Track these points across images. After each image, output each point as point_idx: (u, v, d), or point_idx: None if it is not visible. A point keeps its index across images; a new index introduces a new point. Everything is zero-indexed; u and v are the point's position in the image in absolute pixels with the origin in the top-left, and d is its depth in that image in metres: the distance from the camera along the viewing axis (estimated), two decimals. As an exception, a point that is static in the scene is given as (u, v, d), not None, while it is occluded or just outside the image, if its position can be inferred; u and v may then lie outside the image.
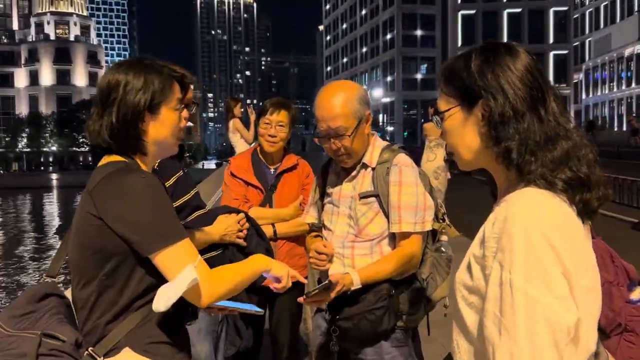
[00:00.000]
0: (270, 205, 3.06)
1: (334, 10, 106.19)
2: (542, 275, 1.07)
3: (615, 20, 60.97)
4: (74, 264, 1.55)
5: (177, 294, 1.40)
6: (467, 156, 1.30)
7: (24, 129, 69.65)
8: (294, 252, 3.11)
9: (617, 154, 25.23)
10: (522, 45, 1.30)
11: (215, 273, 1.53)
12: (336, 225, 2.22)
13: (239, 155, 3.32)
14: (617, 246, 1.98)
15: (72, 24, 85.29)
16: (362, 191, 2.16)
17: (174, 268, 1.44)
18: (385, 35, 79.53)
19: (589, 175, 1.18)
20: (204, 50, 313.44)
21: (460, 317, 1.26)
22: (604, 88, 63.05)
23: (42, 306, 1.52)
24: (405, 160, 2.14)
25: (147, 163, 1.62)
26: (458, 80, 1.27)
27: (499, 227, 1.14)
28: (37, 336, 1.42)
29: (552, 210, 1.13)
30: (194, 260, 1.47)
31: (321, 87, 2.21)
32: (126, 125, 1.53)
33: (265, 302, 3.15)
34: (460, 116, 1.28)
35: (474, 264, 1.22)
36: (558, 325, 1.07)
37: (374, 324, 2.07)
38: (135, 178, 1.47)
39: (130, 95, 1.53)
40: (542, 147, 1.17)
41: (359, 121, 2.11)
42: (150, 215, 1.44)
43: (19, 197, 48.31)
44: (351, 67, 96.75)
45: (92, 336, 1.50)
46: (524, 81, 1.20)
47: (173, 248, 1.45)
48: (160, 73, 1.58)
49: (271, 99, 3.18)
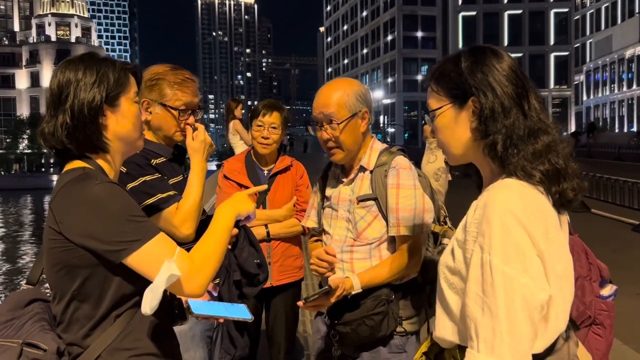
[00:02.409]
0: (263, 206, 3.07)
1: (334, 11, 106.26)
2: (519, 257, 1.18)
3: (616, 22, 60.95)
4: (47, 279, 1.50)
5: (157, 294, 1.35)
6: (456, 151, 1.39)
7: (25, 130, 69.57)
8: (289, 253, 3.10)
9: (618, 155, 25.21)
10: (523, 46, 1.39)
11: (197, 256, 1.45)
12: (335, 229, 2.20)
13: (232, 158, 3.33)
14: (617, 248, 2.01)
15: (73, 25, 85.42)
16: (360, 194, 2.14)
17: (152, 267, 1.38)
18: (386, 37, 79.57)
19: (565, 167, 1.28)
20: (204, 51, 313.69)
21: (442, 296, 1.36)
22: (605, 89, 63.01)
23: (25, 312, 1.48)
24: (403, 163, 2.11)
25: (112, 162, 1.54)
26: (449, 80, 1.37)
27: (479, 214, 1.24)
28: (18, 345, 1.38)
29: (528, 199, 1.23)
30: (172, 255, 1.40)
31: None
32: (83, 122, 1.45)
33: (262, 304, 3.14)
34: (452, 113, 1.37)
35: (457, 248, 1.32)
36: (533, 303, 1.17)
37: (372, 330, 2.05)
38: (91, 186, 1.39)
39: (83, 92, 1.46)
40: (525, 140, 1.27)
41: (352, 114, 2.10)
42: (112, 221, 1.37)
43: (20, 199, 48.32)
44: (352, 68, 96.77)
45: (72, 349, 1.45)
46: (510, 79, 1.31)
47: (145, 248, 1.38)
48: (114, 65, 1.53)
49: (263, 101, 3.21)
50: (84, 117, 1.45)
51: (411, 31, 75.44)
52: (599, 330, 1.89)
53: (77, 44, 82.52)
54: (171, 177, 2.17)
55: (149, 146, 2.16)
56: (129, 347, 1.47)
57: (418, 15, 74.99)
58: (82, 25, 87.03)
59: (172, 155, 2.23)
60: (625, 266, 6.69)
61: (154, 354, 1.51)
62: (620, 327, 2.22)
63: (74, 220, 1.38)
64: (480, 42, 54.22)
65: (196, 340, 2.13)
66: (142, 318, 1.46)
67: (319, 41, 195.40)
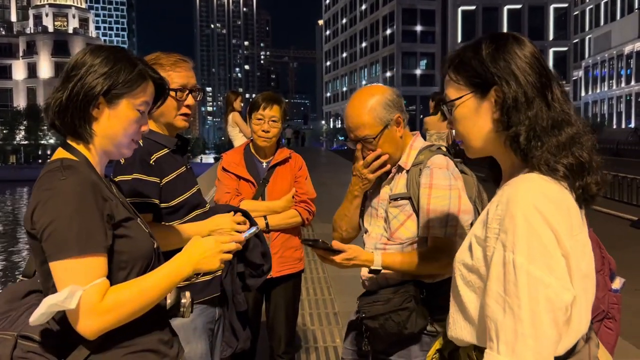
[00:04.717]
0: (262, 198, 3.07)
1: (333, 4, 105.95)
2: (544, 256, 1.12)
3: (616, 18, 60.91)
4: (37, 272, 1.48)
5: (47, 313, 1.27)
6: (476, 143, 1.32)
7: (21, 121, 69.38)
8: (289, 244, 3.11)
9: (616, 151, 25.25)
10: (523, 41, 1.35)
11: (111, 298, 1.33)
12: (374, 227, 2.19)
13: (231, 151, 3.34)
14: (616, 244, 2.02)
15: (71, 16, 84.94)
16: (394, 193, 2.12)
17: (60, 284, 1.31)
18: (384, 31, 79.41)
19: (589, 160, 1.22)
20: (202, 44, 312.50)
21: (457, 294, 1.31)
22: (603, 85, 63.02)
23: (22, 304, 1.46)
24: (439, 162, 2.06)
25: (94, 156, 1.50)
26: (469, 69, 1.30)
27: (501, 209, 1.18)
28: (13, 337, 1.36)
29: (553, 195, 1.17)
30: (87, 283, 1.30)
31: (353, 93, 2.20)
32: (74, 104, 1.43)
33: (263, 295, 3.14)
34: (473, 103, 1.30)
35: (475, 244, 1.26)
36: (557, 304, 1.12)
37: (399, 326, 2.01)
38: (52, 180, 1.36)
39: (89, 78, 1.44)
40: (549, 132, 1.21)
41: (384, 126, 2.08)
42: (57, 220, 1.32)
43: (17, 190, 48.22)
44: (350, 62, 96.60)
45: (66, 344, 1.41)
46: (533, 67, 1.25)
47: (68, 262, 1.30)
48: (133, 67, 1.49)
49: (262, 94, 3.20)
50: (77, 101, 1.43)
51: (410, 25, 75.32)
52: (610, 324, 1.88)
53: (74, 35, 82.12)
54: (172, 171, 2.13)
55: (153, 136, 2.13)
56: (122, 345, 1.42)
57: (417, 9, 74.86)
58: (79, 16, 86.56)
59: (176, 146, 2.20)
60: (624, 262, 6.68)
61: (151, 350, 1.48)
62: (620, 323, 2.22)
63: (36, 213, 1.35)
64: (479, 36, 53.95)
65: (198, 332, 2.11)
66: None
67: (317, 34, 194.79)
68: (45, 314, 1.27)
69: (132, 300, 1.37)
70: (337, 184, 10.75)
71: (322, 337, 4.43)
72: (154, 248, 1.54)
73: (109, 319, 1.33)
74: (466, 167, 2.17)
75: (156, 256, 1.54)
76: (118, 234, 1.42)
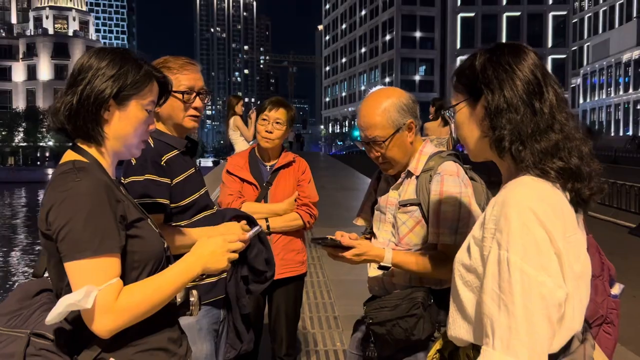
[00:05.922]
0: (265, 200, 3.11)
1: (333, 10, 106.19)
2: (537, 255, 1.17)
3: (614, 26, 61.15)
4: (48, 272, 1.50)
5: (63, 312, 1.29)
6: (473, 147, 1.41)
7: (20, 123, 69.28)
8: (290, 247, 3.13)
9: (614, 158, 25.32)
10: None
11: (125, 298, 1.36)
12: (381, 232, 2.19)
13: (236, 154, 3.38)
14: (615, 250, 2.04)
15: (71, 18, 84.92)
16: (403, 199, 2.11)
17: (76, 283, 1.33)
18: (384, 36, 79.59)
19: (579, 166, 1.26)
20: (202, 48, 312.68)
21: (456, 294, 1.36)
22: (602, 93, 63.20)
23: (33, 302, 1.48)
24: (450, 169, 2.04)
25: (106, 158, 1.52)
26: (465, 77, 1.40)
27: (497, 210, 1.24)
28: (26, 335, 1.38)
29: (546, 196, 1.23)
30: (102, 283, 1.33)
31: (366, 94, 2.20)
32: (86, 109, 1.45)
33: (265, 298, 3.17)
34: (468, 110, 1.40)
35: (473, 245, 1.31)
36: (551, 301, 1.17)
37: (407, 332, 2.00)
38: (68, 181, 1.38)
39: (98, 81, 1.46)
40: (531, 137, 1.27)
41: (395, 130, 2.07)
42: (72, 222, 1.34)
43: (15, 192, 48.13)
44: (350, 67, 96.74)
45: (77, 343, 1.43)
46: (522, 78, 1.31)
47: (84, 262, 1.33)
48: (139, 68, 1.51)
49: (271, 98, 3.25)
50: (88, 105, 1.45)
51: (410, 31, 75.51)
52: (609, 329, 1.90)
53: (74, 37, 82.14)
54: (182, 171, 2.16)
55: (163, 137, 2.16)
56: (133, 343, 1.44)
57: (417, 15, 75.08)
58: (80, 18, 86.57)
59: (185, 148, 2.23)
60: (622, 269, 6.72)
61: (161, 348, 1.50)
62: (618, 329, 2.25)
63: (51, 214, 1.37)
64: (478, 43, 54.18)
65: (203, 333, 2.13)
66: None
67: (317, 39, 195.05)
68: (62, 314, 1.29)
69: (145, 299, 1.40)
70: (336, 188, 10.76)
71: (322, 340, 4.45)
72: (164, 248, 1.56)
73: (123, 318, 1.36)
74: (475, 173, 2.17)
75: (166, 256, 1.57)
76: (130, 234, 1.44)
